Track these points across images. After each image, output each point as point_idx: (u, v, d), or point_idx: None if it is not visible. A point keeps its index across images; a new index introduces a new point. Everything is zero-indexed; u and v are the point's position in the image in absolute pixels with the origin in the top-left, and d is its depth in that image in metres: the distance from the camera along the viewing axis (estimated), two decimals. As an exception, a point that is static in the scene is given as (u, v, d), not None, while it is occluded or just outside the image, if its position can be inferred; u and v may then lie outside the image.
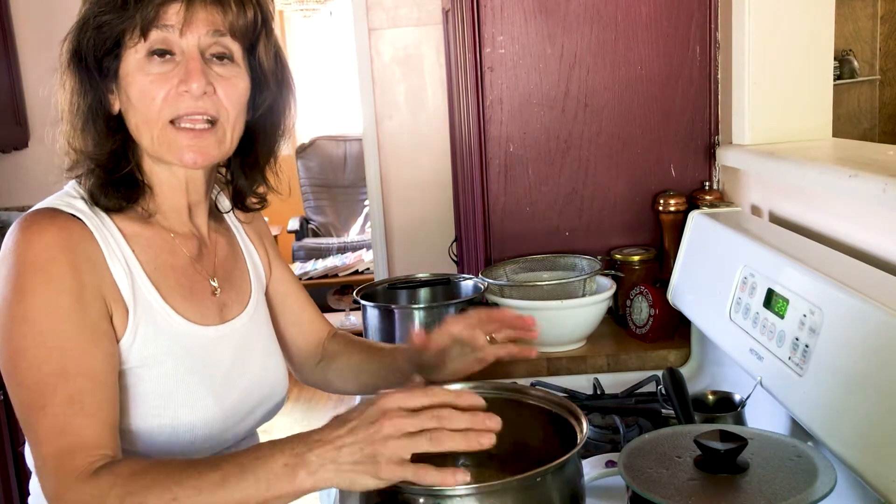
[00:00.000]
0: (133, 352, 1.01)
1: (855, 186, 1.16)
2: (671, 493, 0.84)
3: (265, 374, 1.16)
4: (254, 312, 1.18)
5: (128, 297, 1.01)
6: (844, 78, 3.51)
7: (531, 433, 1.11)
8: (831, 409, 0.99)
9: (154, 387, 1.02)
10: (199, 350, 1.07)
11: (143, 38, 0.99)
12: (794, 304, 1.12)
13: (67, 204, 1.02)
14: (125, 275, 1.01)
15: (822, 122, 1.65)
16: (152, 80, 1.00)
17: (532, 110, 1.83)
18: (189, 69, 1.00)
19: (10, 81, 3.60)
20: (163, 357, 1.03)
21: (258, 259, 1.25)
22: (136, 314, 1.01)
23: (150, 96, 1.00)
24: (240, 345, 1.13)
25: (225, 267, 1.17)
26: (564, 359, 1.68)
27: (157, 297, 1.04)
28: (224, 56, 1.03)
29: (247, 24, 1.04)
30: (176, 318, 1.05)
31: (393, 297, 1.79)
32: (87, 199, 1.03)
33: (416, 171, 3.60)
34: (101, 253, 1.00)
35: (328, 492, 1.30)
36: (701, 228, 1.54)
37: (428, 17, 3.49)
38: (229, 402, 1.09)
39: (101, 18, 0.99)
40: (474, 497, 0.87)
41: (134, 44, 1.00)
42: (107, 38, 1.00)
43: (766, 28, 1.61)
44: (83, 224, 1.00)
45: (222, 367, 1.09)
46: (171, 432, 1.03)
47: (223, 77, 1.03)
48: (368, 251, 5.26)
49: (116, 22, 0.99)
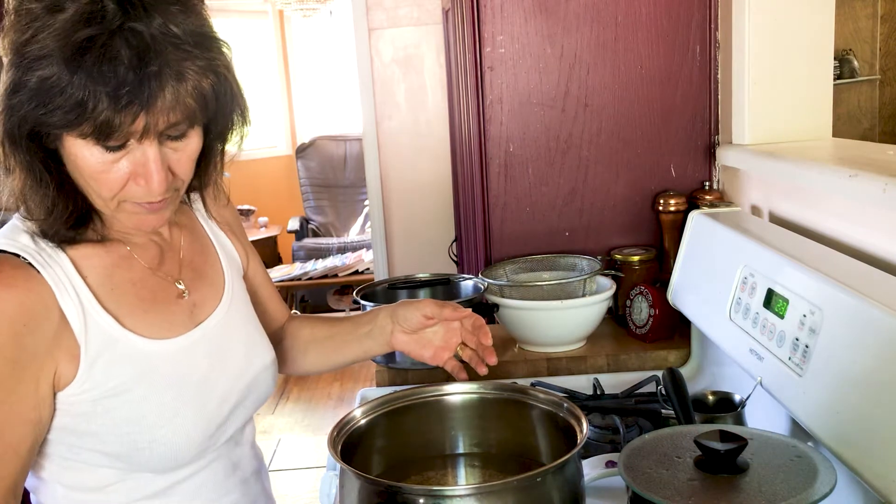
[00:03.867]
0: (91, 387, 0.98)
1: (855, 186, 1.16)
2: (671, 493, 0.84)
3: (249, 364, 1.13)
4: (231, 303, 1.14)
5: (80, 333, 0.97)
6: (844, 78, 3.51)
7: (531, 433, 1.12)
8: (831, 409, 0.99)
9: (125, 413, 0.99)
10: (169, 365, 1.04)
11: (94, 140, 0.89)
12: (794, 304, 1.12)
13: (12, 242, 0.96)
14: (77, 311, 0.97)
15: (822, 122, 1.65)
16: (105, 170, 0.91)
17: (532, 110, 1.83)
18: (148, 172, 0.91)
19: (10, 81, 3.60)
20: (129, 384, 1.00)
21: (229, 244, 1.20)
22: (89, 351, 0.97)
23: (103, 184, 0.92)
24: (216, 344, 1.10)
25: (193, 263, 1.13)
26: (564, 359, 1.68)
27: (114, 325, 1.00)
28: (180, 135, 0.93)
29: (205, 100, 0.91)
30: (138, 341, 1.01)
31: (393, 297, 1.79)
32: (33, 233, 0.97)
33: (416, 171, 3.61)
34: (52, 295, 0.95)
35: (328, 492, 1.30)
36: (701, 228, 1.54)
37: (428, 16, 3.49)
38: (210, 408, 1.06)
39: (43, 118, 0.86)
40: (474, 497, 0.87)
41: (79, 136, 0.88)
42: (48, 128, 0.88)
43: (766, 28, 1.61)
44: (31, 269, 0.95)
45: (198, 373, 1.06)
46: (149, 453, 1.01)
47: (177, 151, 0.94)
48: (368, 251, 5.27)
49: (61, 123, 0.86)
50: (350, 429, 1.06)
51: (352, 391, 4.55)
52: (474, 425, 1.15)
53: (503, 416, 1.14)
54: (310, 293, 5.72)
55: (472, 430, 1.15)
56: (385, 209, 3.65)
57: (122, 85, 0.84)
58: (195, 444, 1.04)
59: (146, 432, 1.00)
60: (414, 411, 1.14)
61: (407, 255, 3.66)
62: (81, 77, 0.83)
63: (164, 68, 0.86)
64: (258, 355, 1.16)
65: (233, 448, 1.14)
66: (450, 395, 1.15)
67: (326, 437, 1.02)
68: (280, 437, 3.98)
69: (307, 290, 5.65)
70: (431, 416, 1.15)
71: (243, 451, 1.16)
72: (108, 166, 0.91)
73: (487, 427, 1.15)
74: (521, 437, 1.13)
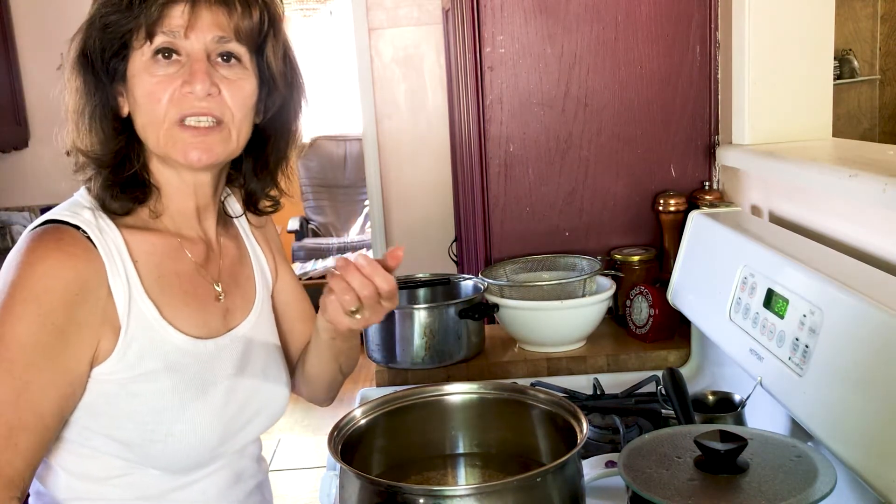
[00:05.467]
0: (123, 368, 1.00)
1: (855, 186, 1.16)
2: (671, 493, 0.84)
3: (264, 382, 1.15)
4: (258, 317, 1.17)
5: (123, 314, 1.00)
6: (844, 78, 3.51)
7: (531, 433, 1.12)
8: (831, 409, 0.99)
9: (147, 402, 1.01)
10: (198, 365, 1.06)
11: (148, 40, 0.99)
12: (794, 304, 1.12)
13: (74, 214, 1.01)
14: (124, 292, 1.00)
15: (822, 122, 1.65)
16: (158, 81, 1.00)
17: (532, 110, 1.83)
18: (193, 70, 1.00)
19: (10, 81, 3.61)
20: (157, 374, 1.02)
21: (265, 263, 1.23)
22: (128, 332, 1.00)
23: (156, 97, 1.00)
24: (241, 355, 1.12)
25: (231, 271, 1.16)
26: (564, 359, 1.68)
27: (155, 314, 1.03)
28: (230, 57, 1.03)
29: (252, 26, 1.03)
30: (174, 335, 1.04)
31: (393, 297, 1.78)
32: (94, 209, 1.03)
33: (416, 171, 3.61)
34: (104, 271, 0.99)
35: (328, 491, 1.30)
36: (701, 228, 1.54)
37: (428, 16, 3.49)
38: (227, 415, 1.08)
39: (106, 19, 0.99)
40: (474, 497, 0.87)
41: (140, 45, 1.00)
42: (113, 38, 1.00)
43: (766, 28, 1.61)
44: (88, 242, 0.99)
45: (223, 379, 1.08)
46: (163, 447, 1.02)
47: (228, 79, 1.02)
48: (368, 251, 5.26)
49: (122, 22, 0.99)
50: (350, 429, 1.06)
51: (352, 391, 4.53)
52: (474, 425, 1.15)
53: (503, 416, 1.14)
54: (310, 293, 5.70)
55: (472, 430, 1.15)
56: (385, 209, 3.65)
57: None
58: (208, 446, 1.06)
59: (164, 425, 1.02)
60: (414, 411, 1.14)
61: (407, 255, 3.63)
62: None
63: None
64: (275, 374, 1.18)
65: (237, 460, 1.14)
66: (450, 395, 1.15)
67: (326, 437, 1.02)
68: (280, 437, 3.97)
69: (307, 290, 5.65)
70: (431, 416, 1.15)
71: (247, 464, 1.17)
72: (162, 78, 1.00)
73: (487, 427, 1.15)
74: (521, 437, 1.13)
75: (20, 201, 3.77)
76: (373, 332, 1.67)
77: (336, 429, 1.04)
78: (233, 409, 1.09)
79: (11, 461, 0.90)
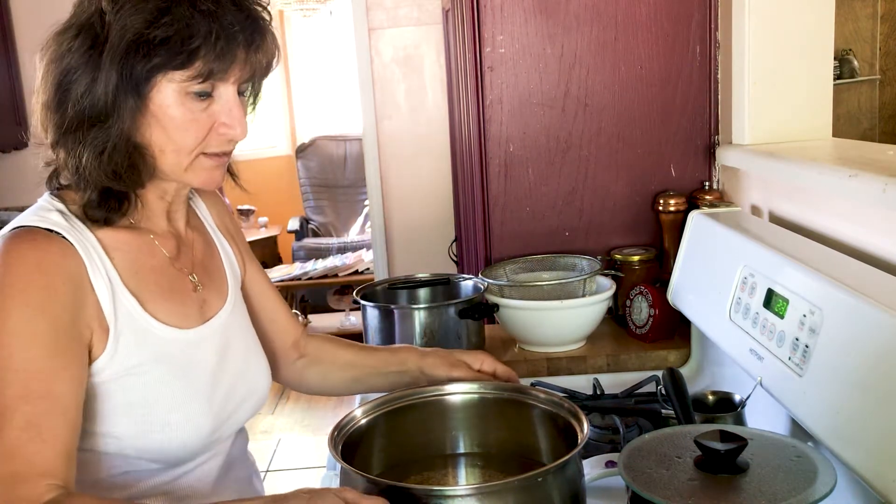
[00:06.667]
0: (115, 363, 1.01)
1: (855, 186, 1.16)
2: (671, 493, 0.84)
3: (247, 368, 1.17)
4: (233, 307, 1.18)
5: (108, 311, 1.01)
6: (844, 78, 3.51)
7: (531, 433, 1.12)
8: (831, 409, 0.99)
9: (141, 394, 1.02)
10: (183, 354, 1.07)
11: (200, 79, 0.97)
12: (794, 304, 1.12)
13: (43, 219, 1.00)
14: (107, 288, 1.01)
15: (822, 122, 1.65)
16: (194, 118, 1.00)
17: (532, 110, 1.83)
18: (234, 116, 1.02)
19: (10, 81, 3.61)
20: (147, 366, 1.03)
21: (232, 253, 1.25)
22: (117, 327, 1.01)
23: (190, 133, 1.01)
24: (222, 343, 1.14)
25: (203, 263, 1.18)
26: (564, 359, 1.68)
27: (137, 308, 1.04)
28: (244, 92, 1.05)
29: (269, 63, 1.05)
30: (157, 326, 1.05)
31: (393, 297, 1.79)
32: (63, 212, 1.02)
33: (416, 171, 3.60)
34: (85, 269, 0.99)
35: (328, 492, 1.30)
36: (701, 228, 1.54)
37: (428, 16, 3.48)
38: (216, 402, 1.10)
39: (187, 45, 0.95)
40: (474, 497, 0.87)
41: (181, 78, 0.97)
42: (162, 65, 0.96)
43: (766, 28, 1.61)
44: (64, 241, 0.99)
45: (207, 367, 1.10)
46: (161, 437, 1.03)
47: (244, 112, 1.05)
48: (368, 251, 5.26)
49: (198, 53, 0.96)
50: (350, 429, 1.06)
51: (352, 391, 4.54)
52: (474, 425, 1.15)
53: (503, 416, 1.14)
54: (310, 293, 5.71)
55: (472, 430, 1.16)
56: (385, 209, 3.64)
57: (233, 24, 0.97)
58: (202, 434, 1.07)
59: (160, 415, 1.03)
60: (414, 411, 1.14)
61: (407, 254, 3.66)
62: (198, 15, 0.95)
63: (262, 20, 1.02)
64: (255, 360, 1.20)
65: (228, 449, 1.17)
66: (450, 394, 1.15)
67: (326, 437, 1.02)
68: (280, 437, 3.97)
69: (307, 290, 5.65)
70: (431, 416, 1.15)
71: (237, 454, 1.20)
72: (197, 115, 1.00)
73: (488, 427, 1.15)
74: (522, 437, 1.13)
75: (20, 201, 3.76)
76: (373, 333, 1.66)
77: (336, 429, 1.04)
78: (221, 395, 1.11)
79: (37, 453, 0.90)
